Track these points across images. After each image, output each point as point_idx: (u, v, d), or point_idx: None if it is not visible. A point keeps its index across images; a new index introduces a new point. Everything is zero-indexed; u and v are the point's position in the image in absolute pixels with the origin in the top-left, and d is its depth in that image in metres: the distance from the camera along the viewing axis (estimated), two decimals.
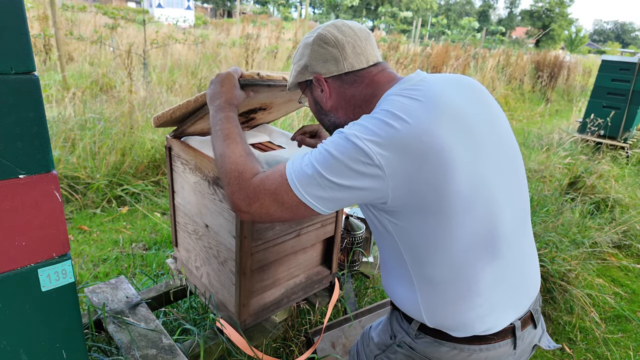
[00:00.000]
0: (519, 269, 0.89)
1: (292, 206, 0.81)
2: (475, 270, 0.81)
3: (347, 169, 0.75)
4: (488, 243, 0.81)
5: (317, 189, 0.78)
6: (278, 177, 0.82)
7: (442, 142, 0.74)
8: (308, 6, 7.18)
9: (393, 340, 0.94)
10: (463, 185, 0.75)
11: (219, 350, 1.31)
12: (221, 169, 0.90)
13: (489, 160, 0.80)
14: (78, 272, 2.19)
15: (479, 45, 11.25)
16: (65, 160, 2.99)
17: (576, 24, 53.38)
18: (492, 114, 0.86)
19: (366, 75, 0.91)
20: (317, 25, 1.24)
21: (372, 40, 0.94)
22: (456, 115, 0.78)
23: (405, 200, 0.77)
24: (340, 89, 0.93)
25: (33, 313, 0.77)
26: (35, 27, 6.67)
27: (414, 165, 0.74)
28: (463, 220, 0.77)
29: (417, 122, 0.75)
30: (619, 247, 3.04)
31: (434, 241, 0.79)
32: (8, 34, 0.62)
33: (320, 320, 1.63)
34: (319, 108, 0.99)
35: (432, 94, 0.79)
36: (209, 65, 6.74)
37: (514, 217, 0.85)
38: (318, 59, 0.91)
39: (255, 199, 0.83)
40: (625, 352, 2.06)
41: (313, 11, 37.66)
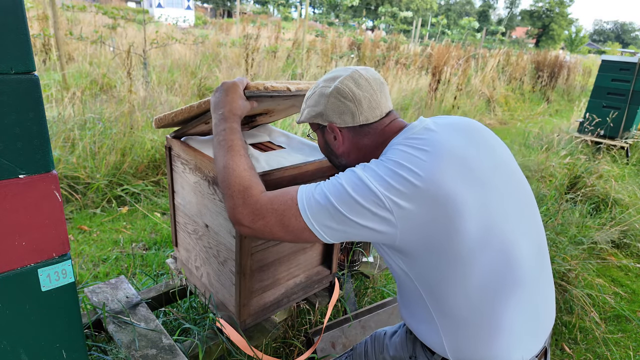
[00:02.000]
0: (538, 304, 0.89)
1: (297, 230, 0.83)
2: (495, 306, 0.82)
3: (360, 206, 0.78)
4: (506, 279, 0.82)
5: (328, 219, 0.81)
6: (288, 199, 0.84)
7: (448, 189, 0.77)
8: (308, 6, 7.18)
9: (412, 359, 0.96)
10: (473, 227, 0.78)
11: (219, 350, 1.31)
12: (224, 181, 0.90)
13: (498, 199, 0.83)
14: (78, 272, 2.19)
15: (479, 45, 11.25)
16: (65, 160, 2.99)
17: (576, 24, 53.38)
18: (496, 154, 0.89)
19: (379, 126, 0.94)
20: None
21: (386, 90, 0.97)
22: (460, 161, 0.81)
23: (415, 244, 0.80)
24: (354, 139, 0.96)
25: (33, 313, 0.77)
26: (35, 27, 6.67)
27: (423, 213, 0.77)
28: (476, 259, 0.79)
29: (424, 172, 0.78)
30: (619, 247, 3.04)
31: (449, 280, 0.81)
32: (8, 34, 0.62)
33: (320, 320, 1.63)
34: (330, 150, 1.02)
35: (436, 142, 0.83)
36: (208, 65, 6.75)
37: (531, 252, 0.86)
38: (335, 110, 0.93)
39: (260, 217, 0.84)
40: (625, 352, 2.06)
41: (313, 11, 37.67)
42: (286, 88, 1.10)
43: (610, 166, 4.16)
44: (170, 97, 4.49)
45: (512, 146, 5.00)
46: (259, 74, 5.94)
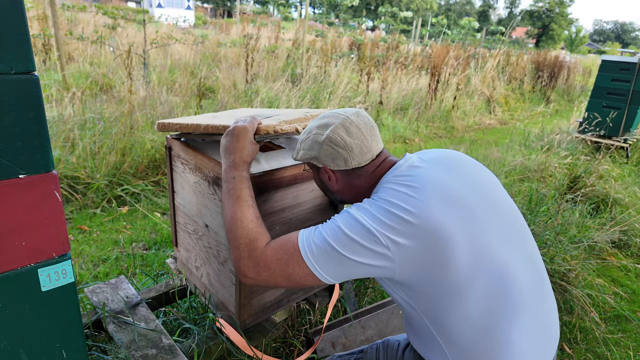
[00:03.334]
0: (542, 322, 0.91)
1: (301, 277, 0.87)
2: (500, 329, 0.83)
3: (358, 245, 0.83)
4: (506, 301, 0.84)
5: (329, 261, 0.85)
6: (290, 248, 0.88)
7: (438, 223, 0.82)
8: (308, 6, 7.19)
9: None
10: (463, 257, 0.82)
11: (219, 350, 1.31)
12: (231, 232, 0.94)
13: (486, 227, 0.86)
14: (78, 272, 2.19)
15: (479, 45, 11.25)
16: (65, 160, 2.99)
17: (576, 24, 53.38)
18: (479, 183, 0.93)
19: (370, 168, 1.00)
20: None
21: (376, 132, 1.02)
22: (446, 195, 0.86)
23: (412, 277, 0.84)
24: (347, 181, 1.02)
25: (33, 313, 0.77)
26: (35, 27, 6.67)
27: (416, 247, 0.81)
28: (471, 286, 0.82)
29: (415, 209, 0.83)
30: (619, 247, 3.04)
31: (449, 309, 0.83)
32: (8, 34, 0.62)
33: (320, 320, 1.63)
34: (324, 187, 1.09)
35: (422, 178, 0.89)
36: (208, 65, 6.75)
37: (526, 271, 0.89)
38: (328, 156, 0.98)
39: (265, 269, 0.88)
40: (625, 352, 2.06)
41: (313, 11, 37.66)
42: (295, 129, 1.16)
43: (610, 166, 4.16)
44: (170, 97, 4.48)
45: (512, 146, 5.01)
46: (259, 73, 5.94)
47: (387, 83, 6.59)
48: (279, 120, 1.19)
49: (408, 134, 5.79)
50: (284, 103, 4.67)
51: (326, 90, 5.52)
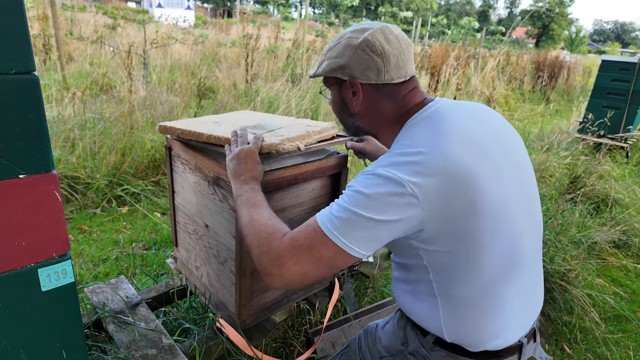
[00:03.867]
0: (532, 287, 0.91)
1: (330, 258, 0.77)
2: (499, 289, 0.83)
3: (382, 203, 0.75)
4: (512, 262, 0.83)
5: (356, 230, 0.76)
6: (310, 231, 0.79)
7: (463, 165, 0.76)
8: (308, 6, 7.18)
9: (405, 347, 0.95)
10: (488, 204, 0.77)
11: (219, 350, 1.31)
12: (250, 234, 0.87)
13: (507, 181, 0.82)
14: (78, 272, 2.19)
15: (479, 45, 11.25)
16: (65, 160, 2.99)
17: (576, 24, 53.39)
18: (505, 139, 0.88)
19: (401, 91, 0.91)
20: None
21: (412, 53, 0.93)
22: (471, 140, 0.81)
23: (440, 226, 0.77)
24: (374, 99, 0.92)
25: (33, 313, 0.77)
26: (35, 27, 6.67)
27: (443, 188, 0.75)
28: (492, 240, 0.79)
29: (437, 149, 0.77)
30: (619, 247, 3.04)
31: (465, 263, 0.80)
32: (8, 34, 0.62)
33: (320, 320, 1.63)
34: (344, 108, 0.97)
35: (446, 122, 0.82)
36: (208, 65, 6.74)
37: (531, 237, 0.88)
38: (360, 64, 0.88)
39: (288, 258, 0.79)
40: (625, 352, 2.06)
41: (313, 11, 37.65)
42: (297, 147, 1.18)
43: (610, 166, 4.16)
44: (170, 97, 4.48)
45: None
46: (259, 73, 5.94)
47: None
48: (282, 138, 1.20)
49: None
50: (284, 103, 4.67)
51: None
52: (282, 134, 1.26)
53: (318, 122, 1.45)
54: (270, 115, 1.62)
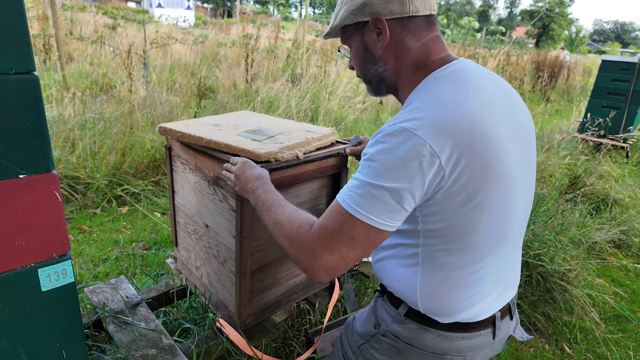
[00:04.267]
0: (511, 262, 0.91)
1: (363, 237, 0.75)
2: (483, 259, 0.83)
3: (400, 168, 0.72)
4: (500, 235, 0.83)
5: (380, 203, 0.73)
6: (336, 214, 0.77)
7: (485, 128, 0.74)
8: (308, 6, 7.19)
9: (377, 329, 0.95)
10: (502, 173, 0.76)
11: (219, 350, 1.31)
12: (280, 237, 0.85)
13: (518, 156, 0.81)
14: (78, 272, 2.19)
15: (479, 45, 11.25)
16: (65, 160, 2.99)
17: (576, 24, 53.39)
18: (520, 115, 0.87)
19: (424, 32, 0.85)
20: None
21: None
22: (494, 105, 0.79)
23: (455, 186, 0.74)
24: (399, 35, 0.85)
25: (33, 313, 0.77)
26: (35, 27, 6.67)
27: (463, 147, 0.72)
28: (496, 211, 0.78)
29: (461, 108, 0.75)
30: (619, 247, 3.04)
31: (462, 232, 0.79)
32: (8, 34, 0.62)
33: (320, 320, 1.63)
34: (367, 55, 0.90)
35: (473, 82, 0.80)
36: (208, 65, 6.74)
37: (523, 215, 0.88)
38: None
39: (322, 248, 0.77)
40: (625, 352, 2.06)
41: (313, 11, 37.64)
42: (295, 156, 1.21)
43: (610, 166, 4.16)
44: (170, 97, 4.48)
45: None
46: (259, 73, 5.94)
47: None
48: (281, 146, 1.21)
49: None
50: (284, 103, 4.67)
51: (326, 90, 5.51)
52: (282, 140, 1.26)
53: (318, 127, 1.45)
54: (270, 117, 1.62)
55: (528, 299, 2.25)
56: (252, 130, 1.36)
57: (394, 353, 0.91)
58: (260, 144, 1.23)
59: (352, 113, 5.41)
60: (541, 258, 2.28)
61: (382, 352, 0.93)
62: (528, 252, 2.30)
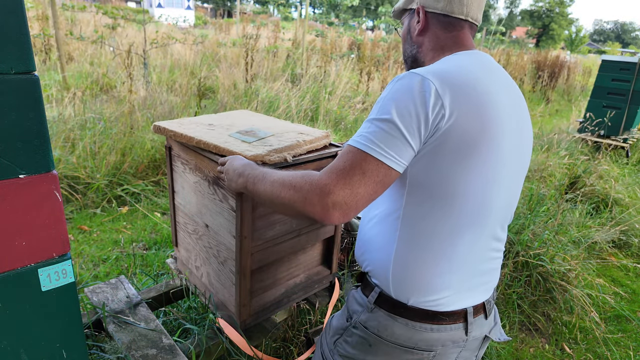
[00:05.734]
0: (488, 257, 0.91)
1: (373, 171, 0.76)
2: (461, 236, 0.84)
3: (405, 95, 0.78)
4: (480, 210, 0.84)
5: (385, 135, 0.76)
6: (346, 154, 0.78)
7: (488, 93, 0.82)
8: (308, 6, 7.18)
9: (349, 322, 0.96)
10: (494, 142, 0.81)
11: (219, 350, 1.31)
12: (281, 191, 0.83)
13: (512, 134, 0.86)
14: (78, 272, 2.19)
15: (479, 45, 11.25)
16: (65, 160, 2.99)
17: (576, 24, 53.37)
18: (522, 106, 0.93)
19: (456, 27, 0.96)
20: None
21: (483, 2, 0.99)
22: (498, 80, 0.88)
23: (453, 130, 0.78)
24: (432, 26, 0.98)
25: (33, 313, 0.77)
26: (35, 27, 6.67)
27: (465, 99, 0.79)
28: (477, 173, 0.81)
29: (471, 70, 0.85)
30: (619, 247, 3.04)
31: (445, 184, 0.81)
32: (8, 34, 0.62)
33: (320, 320, 1.63)
34: (408, 37, 1.05)
35: (485, 62, 0.91)
36: (208, 65, 6.74)
37: (506, 202, 0.90)
38: None
39: (334, 184, 0.75)
40: (625, 352, 2.06)
41: (313, 11, 37.64)
42: (284, 159, 1.20)
43: (610, 166, 4.16)
44: (170, 97, 4.49)
45: None
46: (258, 73, 5.94)
47: (387, 83, 6.58)
48: (269, 149, 1.20)
49: None
50: (284, 103, 4.67)
51: (326, 90, 5.52)
52: (272, 143, 1.25)
53: (313, 129, 1.45)
54: (267, 117, 1.62)
55: (528, 299, 2.25)
56: (244, 132, 1.35)
57: (364, 347, 0.92)
58: (249, 145, 1.23)
59: (352, 113, 5.42)
60: (541, 258, 2.28)
61: (354, 346, 0.94)
62: (528, 252, 2.30)
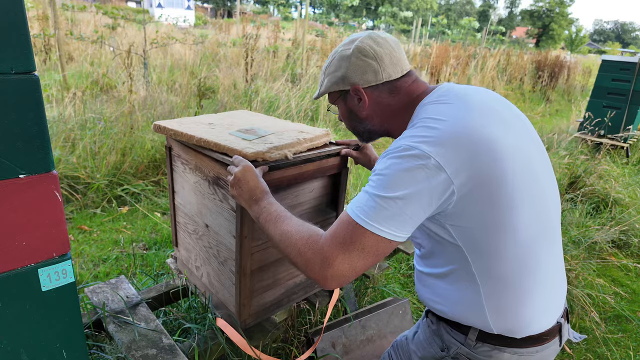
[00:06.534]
0: (559, 261, 0.91)
1: (373, 246, 0.79)
2: (538, 258, 0.83)
3: (405, 179, 0.76)
4: (546, 229, 0.83)
5: (387, 214, 0.77)
6: (345, 225, 0.80)
7: (482, 129, 0.79)
8: (308, 6, 7.18)
9: (446, 352, 0.93)
10: (513, 165, 0.79)
11: (219, 350, 1.31)
12: (288, 247, 0.87)
13: (529, 150, 0.85)
14: (78, 272, 2.19)
15: (480, 45, 11.25)
16: (66, 160, 2.99)
17: (576, 24, 53.36)
18: (520, 116, 0.92)
19: (402, 85, 0.95)
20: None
21: (402, 50, 0.98)
22: (487, 108, 0.84)
23: (467, 190, 0.77)
24: (378, 98, 0.96)
25: (33, 313, 0.77)
26: (35, 27, 6.67)
27: (466, 153, 0.77)
28: (522, 203, 0.80)
29: (456, 118, 0.80)
30: (619, 247, 3.04)
31: (498, 231, 0.80)
32: (8, 34, 0.62)
33: (320, 320, 1.63)
34: (353, 116, 1.02)
35: (462, 96, 0.86)
36: (208, 65, 6.74)
37: (555, 204, 0.89)
38: (357, 70, 0.94)
39: (335, 256, 0.79)
40: (625, 352, 2.06)
41: (313, 11, 37.62)
42: (285, 156, 1.19)
43: (610, 166, 4.16)
44: (170, 97, 4.49)
45: None
46: (258, 73, 5.94)
47: None
48: (270, 146, 1.19)
49: None
50: (284, 103, 4.67)
51: None
52: (272, 140, 1.25)
53: (313, 128, 1.45)
54: (266, 117, 1.62)
55: None
56: (245, 130, 1.36)
57: None
58: (249, 143, 1.22)
59: None
60: None
61: None
62: None
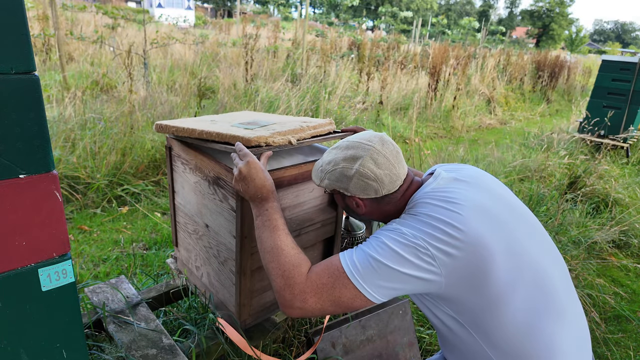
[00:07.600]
0: (578, 324, 0.93)
1: (349, 299, 0.85)
2: (543, 331, 0.85)
3: (404, 259, 0.83)
4: (547, 302, 0.87)
5: (377, 277, 0.84)
6: (334, 270, 0.86)
7: (479, 234, 0.85)
8: (308, 6, 7.19)
9: None
10: (503, 262, 0.85)
11: (219, 350, 1.31)
12: (274, 262, 0.92)
13: (518, 234, 0.90)
14: (78, 272, 2.19)
15: (479, 45, 11.25)
16: (66, 160, 2.99)
17: (576, 24, 53.35)
18: (502, 195, 0.98)
19: (399, 194, 1.01)
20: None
21: (401, 157, 1.03)
22: (481, 208, 0.90)
23: (459, 289, 0.85)
24: (376, 207, 1.03)
25: (33, 313, 0.77)
26: (35, 27, 6.67)
27: (461, 258, 0.84)
28: (514, 289, 0.85)
29: (464, 226, 0.85)
30: (619, 247, 3.04)
31: (495, 314, 0.85)
32: (8, 34, 0.62)
33: (320, 320, 1.63)
34: (350, 210, 1.09)
35: (459, 195, 0.92)
36: (208, 65, 6.74)
37: (558, 274, 0.93)
38: (358, 188, 0.99)
39: (311, 295, 0.86)
40: (625, 352, 2.06)
41: (313, 11, 37.63)
42: (288, 142, 1.19)
43: (610, 166, 4.16)
44: (170, 97, 4.49)
45: (512, 146, 5.01)
46: (258, 73, 5.94)
47: (386, 83, 6.59)
48: (272, 131, 1.19)
49: (408, 133, 5.79)
50: (284, 103, 4.67)
51: (326, 90, 5.52)
52: (275, 128, 1.26)
53: (316, 119, 1.45)
54: (268, 114, 1.62)
55: None
56: (247, 122, 1.36)
57: None
58: (252, 131, 1.22)
59: (352, 113, 5.41)
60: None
61: None
62: None
